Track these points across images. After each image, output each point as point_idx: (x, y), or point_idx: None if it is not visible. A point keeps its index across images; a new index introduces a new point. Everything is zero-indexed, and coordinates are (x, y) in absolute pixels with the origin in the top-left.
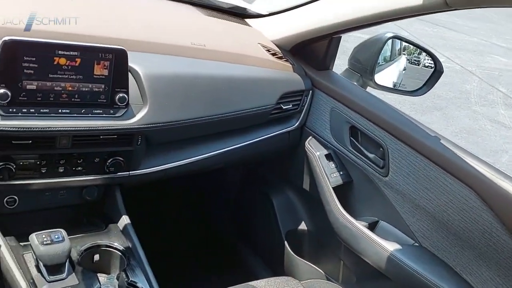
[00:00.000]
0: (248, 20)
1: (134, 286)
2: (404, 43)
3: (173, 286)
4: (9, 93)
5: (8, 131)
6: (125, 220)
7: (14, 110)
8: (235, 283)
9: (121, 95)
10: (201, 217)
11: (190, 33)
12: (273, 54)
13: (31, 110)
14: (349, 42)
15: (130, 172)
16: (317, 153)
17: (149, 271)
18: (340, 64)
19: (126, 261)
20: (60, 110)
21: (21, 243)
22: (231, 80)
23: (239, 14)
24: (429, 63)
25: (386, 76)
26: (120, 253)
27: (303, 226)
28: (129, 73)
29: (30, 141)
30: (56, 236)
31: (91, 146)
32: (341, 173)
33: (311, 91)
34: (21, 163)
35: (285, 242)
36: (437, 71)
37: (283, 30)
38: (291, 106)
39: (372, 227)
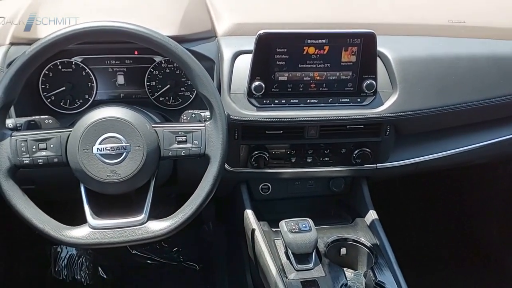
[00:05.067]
0: None
1: (382, 287)
2: None
3: None
4: (263, 85)
5: (263, 121)
6: (372, 215)
7: (268, 101)
8: None
9: (369, 82)
10: (458, 217)
11: (446, 10)
12: None
13: (282, 101)
14: None
15: (378, 164)
16: None
17: (399, 273)
18: None
19: (373, 258)
20: (308, 100)
21: (272, 229)
22: (498, 60)
23: None
24: None
25: None
26: (367, 250)
27: None
28: (378, 58)
29: (282, 131)
30: (304, 225)
31: (337, 137)
32: None
33: None
34: (273, 152)
35: None
36: None
37: None
38: None
39: None
